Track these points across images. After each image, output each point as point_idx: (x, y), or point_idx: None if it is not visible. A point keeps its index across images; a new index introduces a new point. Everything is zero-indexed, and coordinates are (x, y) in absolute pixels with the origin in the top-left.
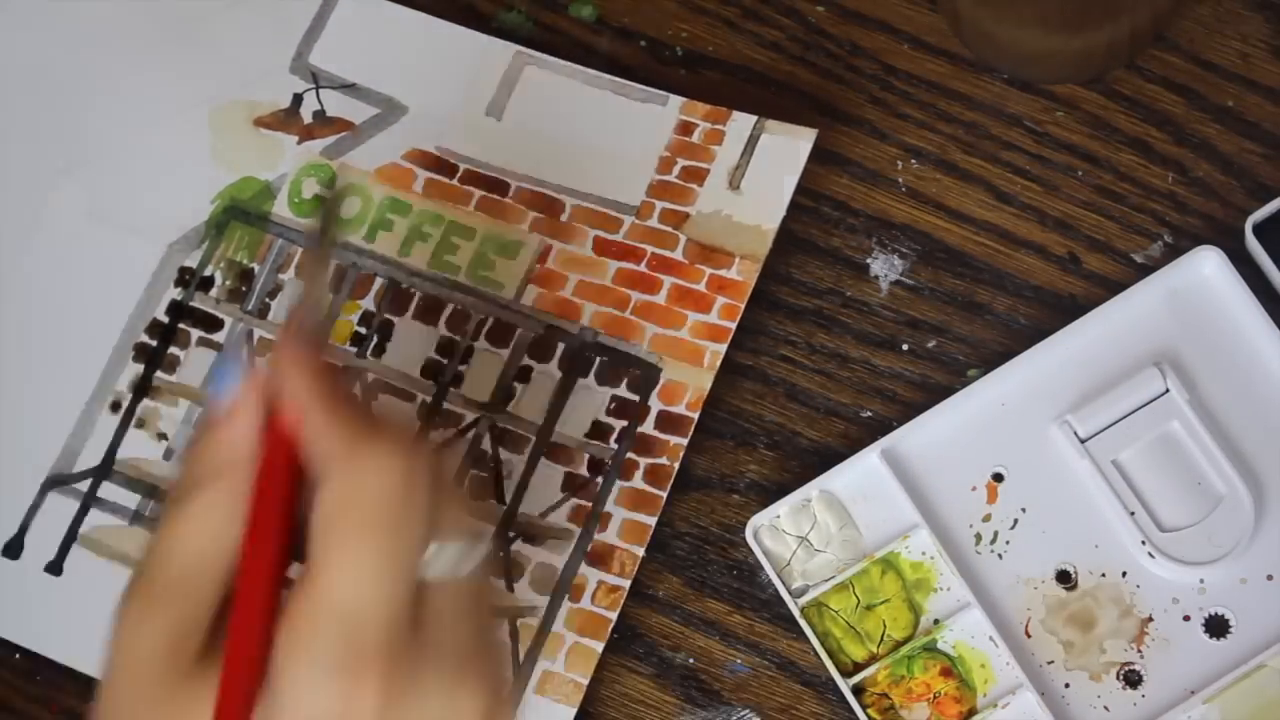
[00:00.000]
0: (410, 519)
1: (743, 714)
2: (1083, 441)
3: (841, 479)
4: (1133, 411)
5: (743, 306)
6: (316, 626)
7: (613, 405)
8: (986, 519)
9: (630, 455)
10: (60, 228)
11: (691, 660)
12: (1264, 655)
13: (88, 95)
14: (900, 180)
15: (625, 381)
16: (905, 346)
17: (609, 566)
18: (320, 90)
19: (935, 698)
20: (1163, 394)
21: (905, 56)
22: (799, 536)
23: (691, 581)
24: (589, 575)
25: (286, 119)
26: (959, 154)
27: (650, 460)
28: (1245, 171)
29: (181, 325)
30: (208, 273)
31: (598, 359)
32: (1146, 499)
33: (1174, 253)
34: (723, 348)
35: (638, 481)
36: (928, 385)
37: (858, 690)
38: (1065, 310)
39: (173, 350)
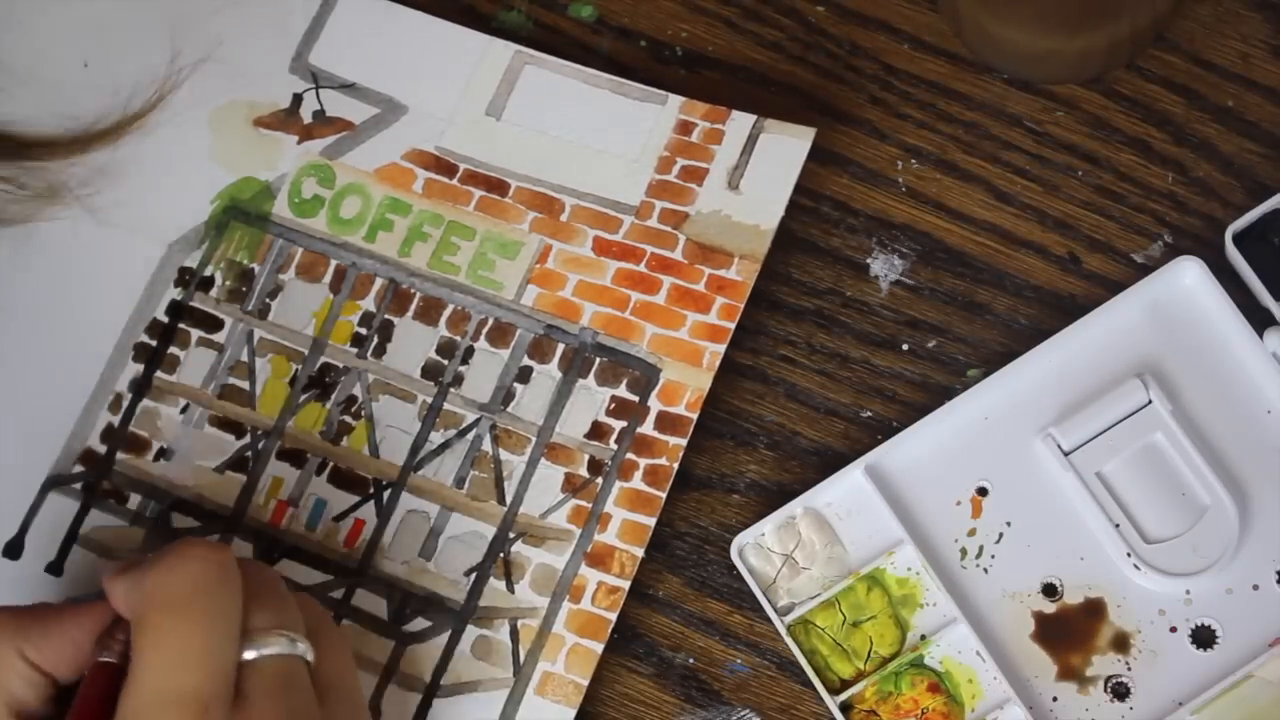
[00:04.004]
0: (218, 603)
1: (743, 714)
2: (1066, 454)
3: (826, 495)
4: (1116, 423)
5: (742, 307)
6: (141, 709)
7: (612, 406)
8: (971, 533)
9: (630, 456)
10: (61, 228)
11: (691, 660)
12: (1251, 665)
13: (88, 95)
14: (900, 180)
15: (625, 382)
16: (905, 346)
17: (608, 567)
18: (320, 90)
19: (923, 714)
20: (1145, 405)
21: (905, 56)
22: (784, 554)
23: (691, 581)
24: (589, 576)
25: (286, 119)
26: (959, 154)
27: (650, 461)
28: (1245, 171)
29: (181, 325)
30: (208, 273)
31: (598, 359)
32: (1131, 511)
33: (1174, 252)
34: (722, 348)
35: (637, 482)
36: (928, 385)
37: (845, 708)
38: (1065, 310)
39: (173, 350)
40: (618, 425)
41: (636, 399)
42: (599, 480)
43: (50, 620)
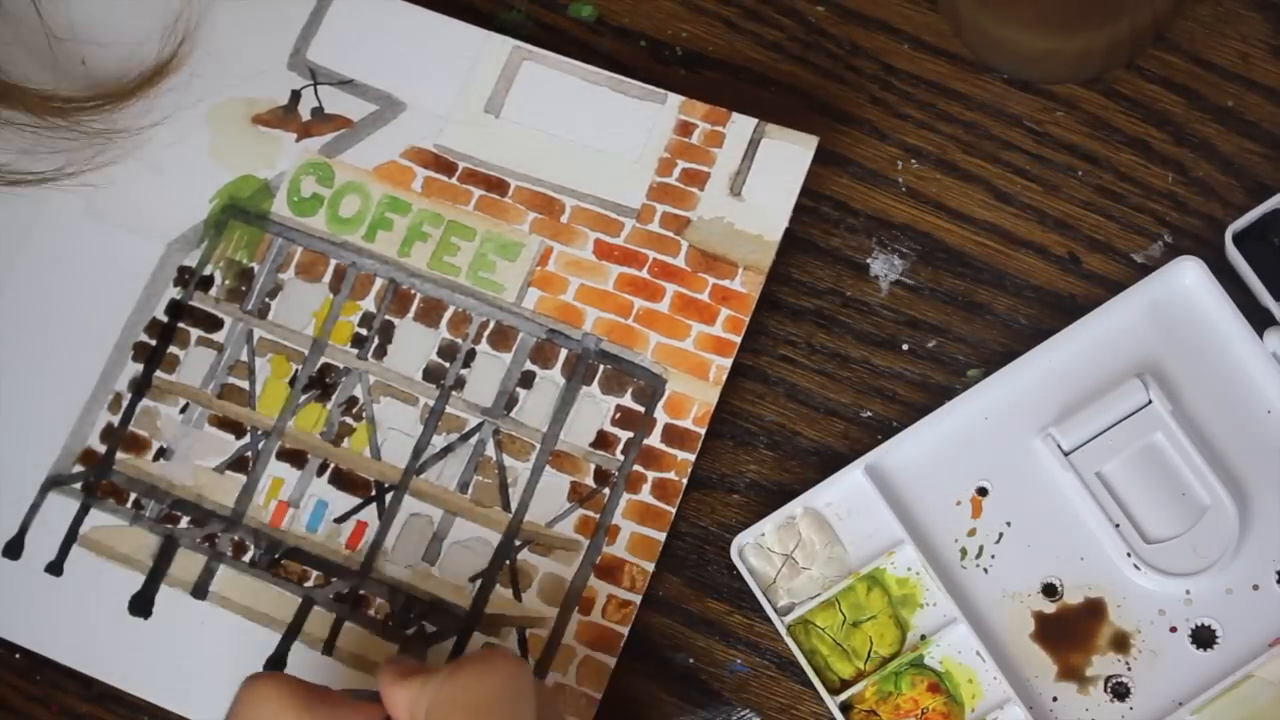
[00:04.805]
0: (519, 716)
1: (743, 714)
2: (1066, 454)
3: (826, 495)
4: (1116, 423)
5: (747, 320)
6: None
7: (618, 415)
8: (972, 533)
9: (637, 468)
10: (60, 227)
11: (691, 660)
12: (1251, 665)
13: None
14: (900, 180)
15: (630, 391)
16: (905, 346)
17: (619, 580)
18: (318, 87)
19: (923, 714)
20: (1145, 405)
21: (905, 56)
22: (784, 554)
23: (691, 581)
24: (599, 588)
25: (285, 116)
26: (959, 154)
27: (658, 474)
28: (1245, 171)
29: (181, 324)
30: (207, 272)
31: (601, 367)
32: (1131, 511)
33: (1174, 252)
34: (728, 361)
35: (646, 495)
36: (928, 385)
37: (845, 708)
38: (1065, 310)
39: (172, 349)
40: (624, 436)
41: (642, 410)
42: (606, 491)
43: (333, 710)
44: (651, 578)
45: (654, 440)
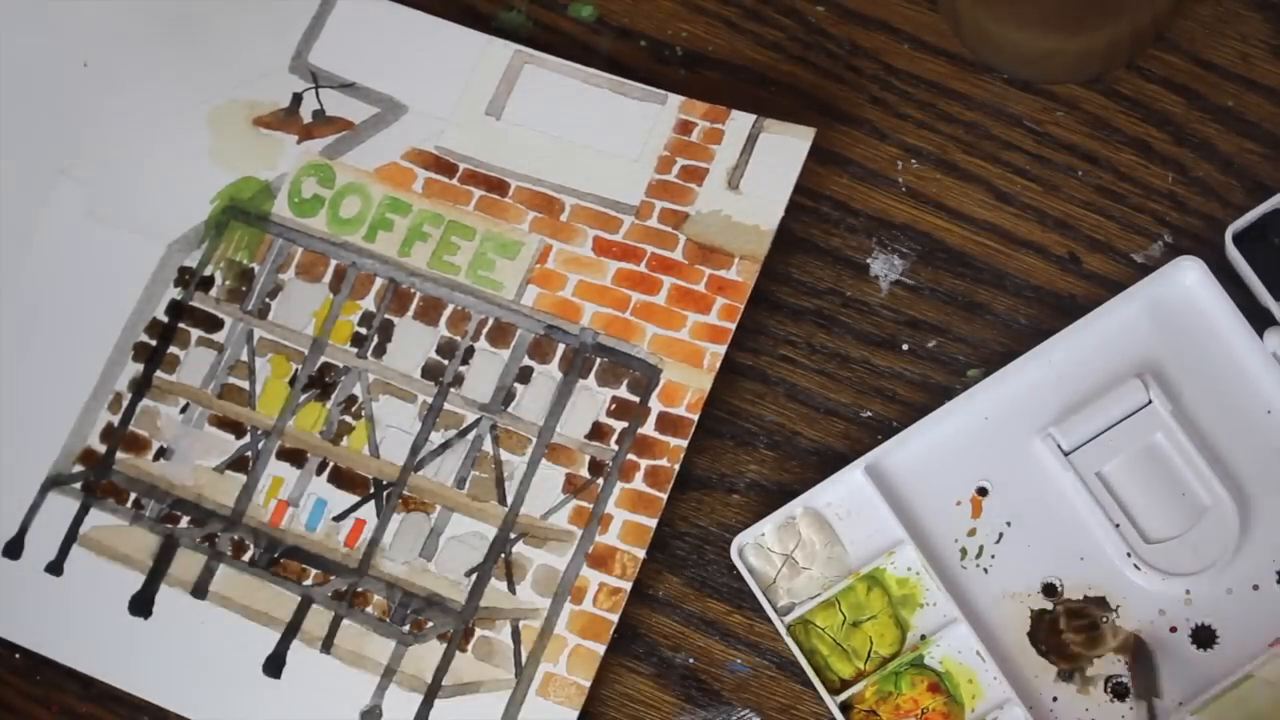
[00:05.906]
0: None
1: (743, 714)
2: (1066, 454)
3: (826, 496)
4: (1116, 423)
5: (742, 307)
6: None
7: (613, 406)
8: (972, 533)
9: (631, 456)
10: (60, 228)
11: (691, 660)
12: (1251, 665)
13: (87, 95)
14: (900, 180)
15: (625, 383)
16: (905, 346)
17: (610, 569)
18: (320, 90)
19: (923, 714)
20: (1145, 405)
21: (905, 56)
22: (784, 554)
23: (691, 581)
24: (590, 577)
25: (286, 118)
26: (959, 154)
27: (651, 462)
28: (1245, 171)
29: (181, 325)
30: (207, 272)
31: (598, 360)
32: (1131, 511)
33: (1174, 252)
34: (722, 349)
35: (638, 483)
36: (928, 385)
37: (845, 707)
38: (1065, 310)
39: (173, 350)
40: (618, 426)
41: (637, 400)
42: (600, 481)
43: None
44: (652, 577)
45: (648, 429)
